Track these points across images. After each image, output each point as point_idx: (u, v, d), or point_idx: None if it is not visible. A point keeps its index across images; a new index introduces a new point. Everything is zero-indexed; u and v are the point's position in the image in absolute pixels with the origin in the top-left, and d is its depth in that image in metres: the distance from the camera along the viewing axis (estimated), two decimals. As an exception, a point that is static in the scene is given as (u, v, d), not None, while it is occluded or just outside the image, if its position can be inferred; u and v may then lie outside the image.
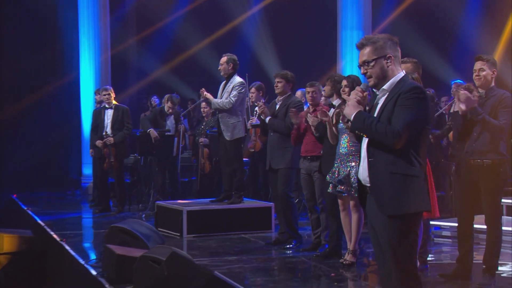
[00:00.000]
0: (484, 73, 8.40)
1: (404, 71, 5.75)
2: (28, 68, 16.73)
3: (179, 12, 18.23)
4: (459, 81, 13.11)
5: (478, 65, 8.40)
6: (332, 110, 9.44)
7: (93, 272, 8.89)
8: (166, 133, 13.69)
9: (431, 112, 8.98)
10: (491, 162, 8.31)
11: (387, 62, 5.34)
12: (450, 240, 10.91)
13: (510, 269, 8.70)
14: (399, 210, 5.18)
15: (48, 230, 12.10)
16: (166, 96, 14.62)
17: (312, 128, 9.52)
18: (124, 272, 8.20)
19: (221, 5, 18.45)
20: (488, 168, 8.26)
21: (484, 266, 8.39)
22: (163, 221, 11.67)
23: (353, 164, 8.86)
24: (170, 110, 14.12)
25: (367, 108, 6.18)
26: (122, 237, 9.22)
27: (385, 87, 5.34)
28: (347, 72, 14.87)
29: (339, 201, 9.12)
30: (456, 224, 9.39)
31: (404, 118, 5.07)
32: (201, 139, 13.72)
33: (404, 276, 5.29)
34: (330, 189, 9.07)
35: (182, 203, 11.97)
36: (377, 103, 5.40)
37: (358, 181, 5.70)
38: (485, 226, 8.61)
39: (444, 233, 11.10)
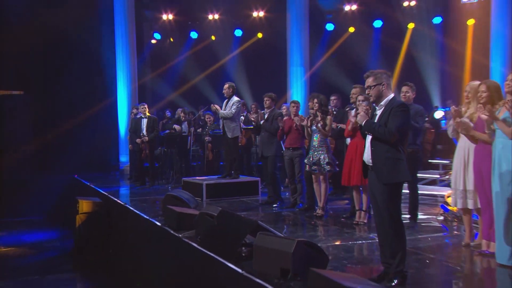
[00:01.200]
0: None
1: (393, 93, 5.76)
2: (82, 93, 16.34)
3: (184, 55, 17.90)
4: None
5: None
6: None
7: (158, 224, 8.83)
8: (182, 133, 13.58)
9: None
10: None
11: (382, 88, 5.45)
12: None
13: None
14: (390, 180, 5.35)
15: (111, 197, 11.90)
16: (180, 109, 14.41)
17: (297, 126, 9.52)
18: (182, 223, 8.17)
19: (212, 50, 18.05)
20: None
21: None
22: (188, 191, 10.68)
23: (322, 153, 8.96)
24: (183, 118, 13.93)
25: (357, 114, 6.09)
26: (173, 201, 9.13)
27: (382, 103, 5.41)
28: (294, 97, 15.04)
29: (313, 176, 9.13)
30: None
31: (396, 124, 5.24)
32: (206, 138, 13.56)
33: (393, 222, 5.39)
34: (307, 169, 9.15)
35: (200, 179, 11.83)
36: (376, 114, 5.47)
37: (363, 162, 5.74)
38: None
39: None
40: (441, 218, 8.69)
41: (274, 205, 10.02)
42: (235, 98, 11.25)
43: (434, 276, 6.04)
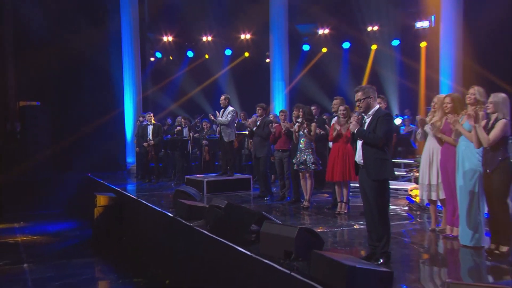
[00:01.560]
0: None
1: (378, 104, 5.84)
2: (94, 104, 16.32)
3: (182, 71, 17.71)
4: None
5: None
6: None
7: (170, 215, 8.77)
8: (183, 138, 13.38)
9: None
10: None
11: (370, 100, 5.46)
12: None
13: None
14: (379, 177, 5.37)
15: (124, 192, 11.94)
16: (180, 117, 14.27)
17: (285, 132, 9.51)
18: (192, 214, 8.12)
19: (206, 67, 17.89)
20: None
21: None
22: (191, 186, 10.62)
23: (308, 154, 8.89)
24: (184, 124, 13.85)
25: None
26: (182, 195, 9.05)
27: (370, 113, 5.41)
28: (276, 107, 15.17)
29: (300, 174, 9.10)
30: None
31: (383, 130, 5.29)
32: (204, 141, 13.44)
33: (380, 212, 5.41)
34: (295, 167, 9.05)
35: (201, 176, 11.72)
36: (365, 122, 5.47)
37: (355, 162, 5.76)
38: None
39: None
40: (407, 208, 8.73)
41: (266, 198, 9.98)
42: (230, 108, 11.20)
43: (409, 255, 6.06)
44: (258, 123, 10.40)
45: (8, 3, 16.32)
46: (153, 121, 13.48)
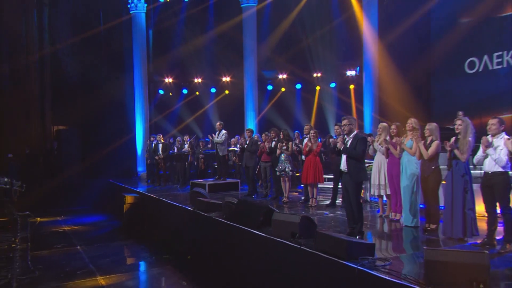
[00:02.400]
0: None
1: (357, 130, 5.96)
2: (112, 129, 16.13)
3: (179, 104, 17.25)
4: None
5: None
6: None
7: (190, 208, 8.70)
8: (184, 152, 12.91)
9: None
10: None
11: (352, 126, 5.63)
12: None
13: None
14: (358, 179, 5.53)
15: (145, 192, 11.81)
16: (179, 138, 13.61)
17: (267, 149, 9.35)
18: (209, 208, 8.08)
19: (197, 101, 17.38)
20: None
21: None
22: (196, 188, 10.26)
23: (286, 165, 8.80)
24: (186, 143, 13.09)
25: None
26: (197, 195, 8.85)
27: (351, 135, 5.56)
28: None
29: (281, 178, 9.00)
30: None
31: (361, 148, 5.46)
32: (200, 155, 13.27)
33: (357, 205, 5.57)
34: (277, 173, 8.93)
35: (202, 181, 11.55)
36: (348, 142, 5.56)
37: (340, 169, 5.81)
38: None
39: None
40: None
41: (253, 196, 9.90)
42: (223, 131, 11.14)
43: (371, 232, 6.25)
44: (247, 142, 10.30)
45: (49, 54, 15.99)
46: (162, 140, 13.35)
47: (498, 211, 5.07)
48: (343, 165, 5.68)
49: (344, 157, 5.68)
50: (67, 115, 15.82)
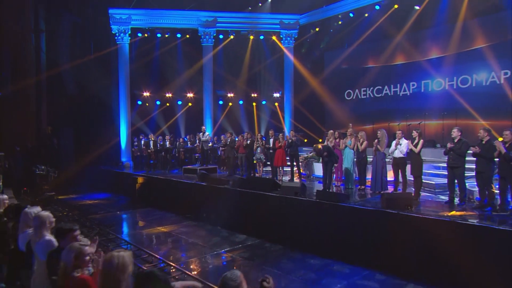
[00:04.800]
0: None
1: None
2: (103, 127, 15.65)
3: (155, 113, 16.75)
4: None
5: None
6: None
7: (203, 183, 8.90)
8: (169, 147, 13.36)
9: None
10: None
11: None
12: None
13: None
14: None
15: (150, 175, 11.69)
16: (167, 136, 14.02)
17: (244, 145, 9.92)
18: (220, 182, 8.47)
19: (168, 111, 16.89)
20: None
21: None
22: (188, 173, 11.29)
23: (261, 155, 9.73)
24: (168, 141, 13.59)
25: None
26: (204, 174, 9.30)
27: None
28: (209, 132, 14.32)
29: (257, 163, 9.99)
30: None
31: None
32: (181, 149, 13.50)
33: (330, 178, 6.94)
34: (254, 161, 9.96)
35: (193, 167, 11.59)
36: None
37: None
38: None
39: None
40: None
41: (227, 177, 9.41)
42: (206, 132, 12.03)
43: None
44: (228, 141, 10.93)
45: (43, 59, 15.17)
46: (152, 138, 13.77)
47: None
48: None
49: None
50: (63, 117, 15.25)
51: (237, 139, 10.95)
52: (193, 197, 9.26)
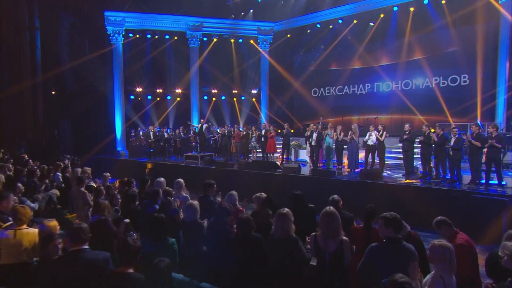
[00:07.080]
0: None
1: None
2: (100, 119, 15.82)
3: (147, 107, 16.82)
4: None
5: None
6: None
7: (212, 167, 9.52)
8: (167, 137, 14.01)
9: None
10: None
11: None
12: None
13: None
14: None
15: (154, 161, 12.21)
16: (165, 127, 14.64)
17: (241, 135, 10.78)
18: (227, 165, 9.47)
19: (160, 106, 17.14)
20: None
21: None
22: (190, 160, 11.62)
23: (254, 144, 10.75)
24: (165, 132, 14.33)
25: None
26: (209, 159, 10.19)
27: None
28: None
29: (251, 151, 10.93)
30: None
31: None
32: (178, 139, 14.03)
33: (316, 163, 8.47)
34: (250, 148, 10.89)
35: (193, 153, 12.13)
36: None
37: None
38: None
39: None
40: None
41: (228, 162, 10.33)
42: (205, 125, 12.67)
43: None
44: (226, 131, 12.07)
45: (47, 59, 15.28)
46: (152, 130, 14.51)
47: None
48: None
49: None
50: (62, 110, 15.44)
51: (241, 129, 12.14)
52: (203, 180, 9.79)
